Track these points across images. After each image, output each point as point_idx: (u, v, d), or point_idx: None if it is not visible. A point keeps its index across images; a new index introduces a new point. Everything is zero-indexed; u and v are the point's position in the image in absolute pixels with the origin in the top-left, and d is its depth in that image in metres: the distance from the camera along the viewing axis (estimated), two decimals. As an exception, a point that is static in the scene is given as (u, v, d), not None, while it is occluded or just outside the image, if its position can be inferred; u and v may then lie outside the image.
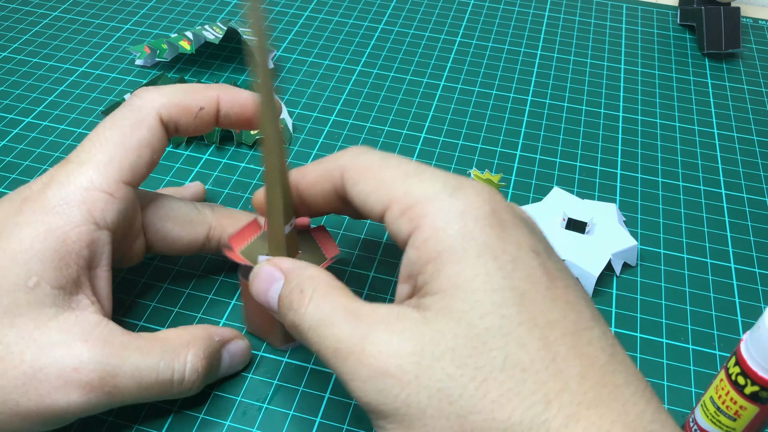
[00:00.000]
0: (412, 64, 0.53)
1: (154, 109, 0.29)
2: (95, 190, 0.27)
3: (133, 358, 0.26)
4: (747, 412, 0.25)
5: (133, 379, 0.26)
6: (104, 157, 0.28)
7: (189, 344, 0.28)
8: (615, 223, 0.39)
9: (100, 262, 0.28)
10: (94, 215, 0.27)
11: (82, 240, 0.26)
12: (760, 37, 0.59)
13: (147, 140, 0.28)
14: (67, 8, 0.57)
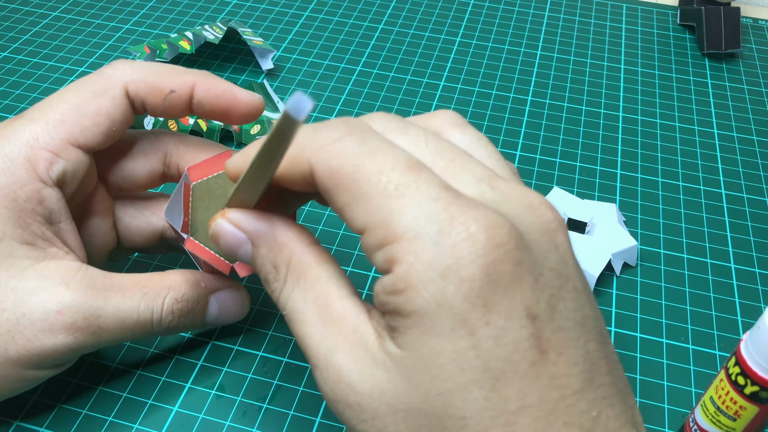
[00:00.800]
0: (412, 64, 0.53)
1: (122, 81, 0.28)
2: (40, 149, 0.26)
3: (115, 299, 0.26)
4: (747, 412, 0.25)
5: (116, 320, 0.26)
6: (56, 116, 0.27)
7: (170, 287, 0.28)
8: (615, 223, 0.39)
9: (60, 217, 0.27)
10: (39, 173, 0.26)
11: (32, 199, 0.26)
12: (760, 37, 0.59)
13: (107, 109, 0.27)
14: (67, 8, 0.57)
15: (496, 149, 0.23)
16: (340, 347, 0.20)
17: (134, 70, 0.28)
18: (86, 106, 0.27)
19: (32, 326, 0.25)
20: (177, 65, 0.29)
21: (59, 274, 0.26)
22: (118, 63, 0.29)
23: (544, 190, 0.43)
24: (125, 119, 0.28)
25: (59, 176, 0.27)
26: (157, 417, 0.30)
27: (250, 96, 0.29)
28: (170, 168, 0.31)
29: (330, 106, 0.48)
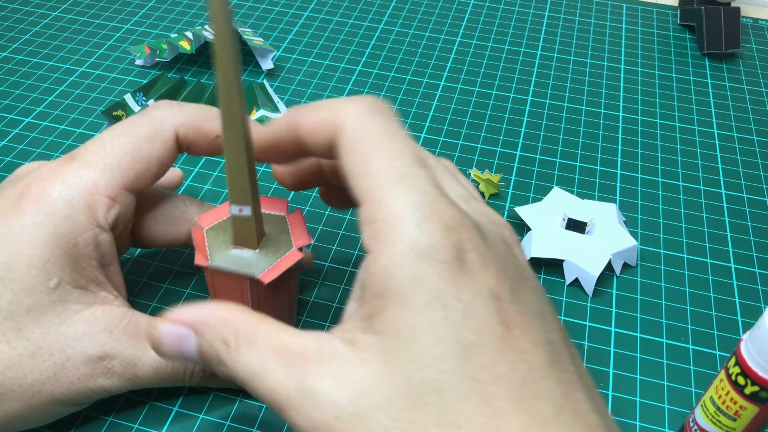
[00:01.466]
0: (412, 64, 0.53)
1: (173, 126, 0.29)
2: (99, 194, 0.27)
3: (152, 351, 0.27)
4: (747, 412, 0.25)
5: (152, 370, 0.28)
6: (112, 162, 0.28)
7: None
8: (615, 223, 0.39)
9: (112, 259, 0.29)
10: (98, 219, 0.27)
11: (90, 244, 0.27)
12: (760, 37, 0.59)
13: (159, 154, 0.29)
14: (67, 8, 0.57)
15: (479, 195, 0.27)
16: (308, 372, 0.21)
17: (183, 113, 0.29)
18: (139, 151, 0.28)
19: (76, 370, 0.26)
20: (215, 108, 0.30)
21: (105, 321, 0.27)
22: (165, 105, 0.30)
23: (544, 190, 0.43)
24: (172, 161, 0.30)
25: (114, 221, 0.28)
26: (157, 417, 0.30)
27: (257, 129, 0.29)
28: None
29: (330, 106, 0.48)
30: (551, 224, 0.38)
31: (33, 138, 0.45)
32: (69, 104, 0.47)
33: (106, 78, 0.50)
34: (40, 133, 0.45)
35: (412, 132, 0.47)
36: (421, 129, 0.47)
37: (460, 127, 0.47)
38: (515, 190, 0.43)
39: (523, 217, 0.39)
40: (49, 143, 0.44)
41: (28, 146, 0.44)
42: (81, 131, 0.45)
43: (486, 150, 0.46)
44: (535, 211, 0.39)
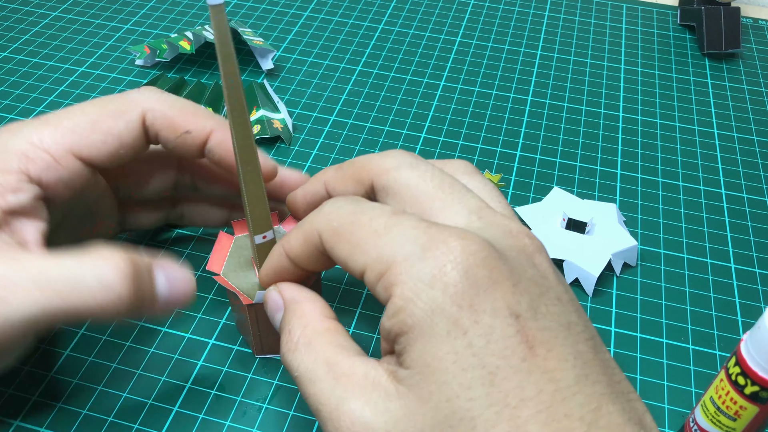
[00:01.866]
0: (412, 64, 0.53)
1: (142, 107, 0.28)
2: (40, 150, 0.27)
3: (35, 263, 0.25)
4: (747, 412, 0.25)
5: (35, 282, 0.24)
6: (69, 124, 0.27)
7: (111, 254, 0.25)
8: (615, 223, 0.39)
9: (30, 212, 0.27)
10: (29, 169, 0.26)
11: (8, 185, 0.26)
12: (760, 37, 0.59)
13: (118, 130, 0.28)
14: (67, 8, 0.57)
15: (500, 194, 0.26)
16: (351, 394, 0.21)
17: (157, 100, 0.29)
18: (100, 123, 0.28)
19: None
20: (202, 106, 0.30)
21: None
22: (144, 90, 0.29)
23: (544, 190, 0.43)
24: (136, 145, 0.29)
25: (51, 182, 0.27)
26: (157, 417, 0.30)
27: (264, 160, 0.29)
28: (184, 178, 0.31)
29: (330, 106, 0.48)
30: (551, 224, 0.38)
31: (33, 138, 0.45)
32: (69, 104, 0.47)
33: (106, 78, 0.50)
34: (40, 133, 0.45)
35: (411, 132, 0.47)
36: (421, 129, 0.47)
37: (460, 127, 0.47)
38: (515, 190, 0.43)
39: (523, 217, 0.39)
40: (49, 143, 0.44)
41: (28, 146, 0.44)
42: (81, 131, 0.45)
43: (486, 150, 0.46)
44: (535, 211, 0.39)
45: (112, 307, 0.25)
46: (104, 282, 0.24)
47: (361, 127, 0.47)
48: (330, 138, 0.46)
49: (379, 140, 0.46)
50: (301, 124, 0.47)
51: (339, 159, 0.44)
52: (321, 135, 0.46)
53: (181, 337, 0.33)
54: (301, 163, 0.44)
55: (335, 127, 0.47)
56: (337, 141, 0.46)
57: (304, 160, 0.44)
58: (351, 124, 0.47)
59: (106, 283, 0.24)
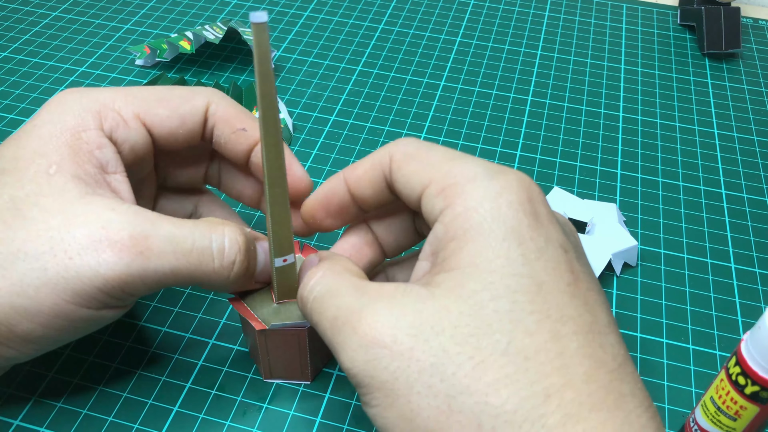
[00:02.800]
0: (412, 64, 0.53)
1: (207, 98, 0.29)
2: (111, 110, 0.28)
3: (167, 225, 0.25)
4: (747, 412, 0.25)
5: (168, 242, 0.25)
6: (138, 94, 0.28)
7: (224, 223, 0.27)
8: (615, 223, 0.39)
9: (116, 168, 0.27)
10: (104, 126, 0.27)
11: (92, 142, 0.27)
12: (760, 37, 0.59)
13: (183, 112, 0.29)
14: (67, 8, 0.57)
15: None
16: (376, 300, 0.22)
17: (222, 97, 0.30)
18: (167, 100, 0.29)
19: (76, 242, 0.24)
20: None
21: (107, 203, 0.25)
22: (211, 89, 0.30)
23: (544, 190, 0.43)
24: (194, 130, 0.29)
25: (119, 140, 0.28)
26: (157, 417, 0.30)
27: (303, 172, 0.30)
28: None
29: (330, 106, 0.48)
30: (551, 224, 0.38)
31: (33, 138, 0.45)
32: (69, 104, 0.47)
33: (106, 78, 0.50)
34: (40, 133, 0.45)
35: (412, 132, 0.47)
36: (421, 129, 0.47)
37: (460, 127, 0.47)
38: (515, 190, 0.43)
39: (523, 217, 0.39)
40: (49, 143, 0.44)
41: (28, 146, 0.44)
42: (81, 131, 0.45)
43: (486, 150, 0.46)
44: (535, 211, 0.39)
45: (225, 276, 0.26)
46: (224, 253, 0.26)
47: (361, 127, 0.47)
48: (330, 138, 0.46)
49: (379, 140, 0.46)
50: (301, 124, 0.47)
51: (339, 159, 0.44)
52: (321, 135, 0.46)
53: (181, 337, 0.33)
54: (301, 163, 0.44)
55: (335, 127, 0.47)
56: (337, 141, 0.46)
57: (304, 160, 0.44)
58: (351, 124, 0.47)
59: (226, 254, 0.26)
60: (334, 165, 0.44)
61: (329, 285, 0.23)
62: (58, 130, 0.27)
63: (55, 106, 0.27)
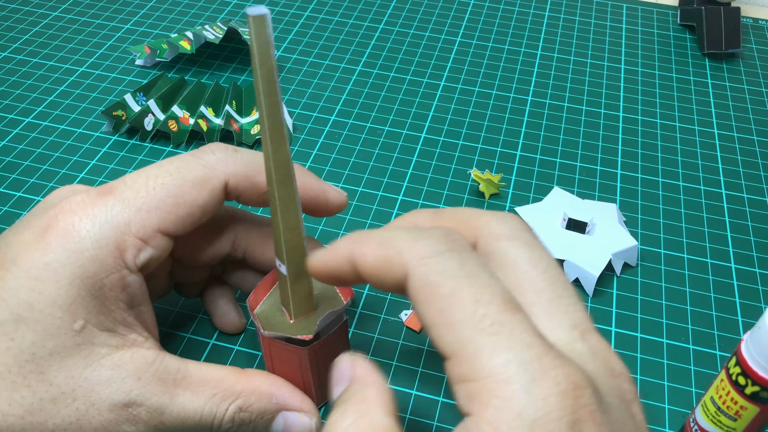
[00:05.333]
0: (412, 64, 0.53)
1: (225, 174, 0.27)
2: (130, 236, 0.26)
3: (183, 397, 0.26)
4: (747, 412, 0.25)
5: (178, 419, 0.26)
6: (151, 202, 0.26)
7: (239, 394, 0.27)
8: (615, 223, 0.39)
9: (142, 301, 0.27)
10: (126, 260, 0.26)
11: (117, 286, 0.26)
12: (760, 37, 0.59)
13: (204, 201, 0.27)
14: (67, 8, 0.57)
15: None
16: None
17: (236, 162, 0.28)
18: (183, 196, 0.27)
19: (100, 416, 0.25)
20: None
21: (134, 366, 0.26)
22: (219, 150, 0.28)
23: (544, 190, 0.43)
24: (217, 209, 0.28)
25: (144, 263, 0.26)
26: (157, 417, 0.30)
27: (338, 195, 0.29)
28: (236, 251, 0.31)
29: (330, 106, 0.48)
30: (551, 224, 0.38)
31: (33, 138, 0.45)
32: (69, 104, 0.47)
33: (106, 78, 0.50)
34: (40, 133, 0.45)
35: (411, 132, 0.47)
36: (421, 129, 0.47)
37: (460, 127, 0.47)
38: (515, 190, 0.43)
39: (523, 217, 0.39)
40: (49, 143, 0.44)
41: (28, 146, 0.44)
42: (81, 131, 0.45)
43: (486, 150, 0.46)
44: (535, 211, 0.39)
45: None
46: (218, 423, 0.27)
47: (361, 127, 0.47)
48: (330, 138, 0.46)
49: (379, 140, 0.46)
50: (301, 124, 0.47)
51: (339, 159, 0.44)
52: (321, 135, 0.46)
53: (182, 337, 0.33)
54: (301, 163, 0.44)
55: (335, 127, 0.47)
56: (337, 141, 0.46)
57: (304, 160, 0.44)
58: (351, 124, 0.47)
59: (219, 424, 0.27)
60: (334, 165, 0.44)
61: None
62: (79, 279, 0.25)
63: (67, 237, 0.25)
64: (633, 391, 0.20)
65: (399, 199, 0.42)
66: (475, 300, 0.19)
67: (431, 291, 0.20)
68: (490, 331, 0.19)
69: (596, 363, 0.20)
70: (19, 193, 0.41)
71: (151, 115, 0.44)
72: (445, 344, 0.19)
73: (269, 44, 0.21)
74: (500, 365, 0.18)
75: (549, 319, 0.21)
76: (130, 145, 0.44)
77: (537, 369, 0.18)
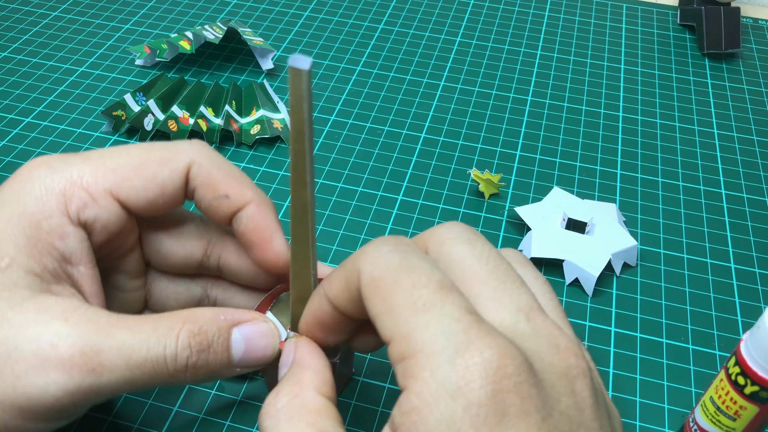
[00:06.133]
0: (412, 64, 0.53)
1: (188, 159, 0.27)
2: (79, 187, 0.25)
3: (121, 334, 0.23)
4: (747, 412, 0.25)
5: (121, 355, 0.23)
6: (111, 164, 0.26)
7: (184, 320, 0.24)
8: (615, 223, 0.39)
9: (81, 260, 0.25)
10: (69, 210, 0.25)
11: (54, 231, 0.25)
12: (760, 37, 0.59)
13: (162, 178, 0.26)
14: (67, 8, 0.57)
15: (551, 289, 0.24)
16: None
17: (206, 156, 0.27)
18: (144, 168, 0.26)
19: (24, 360, 0.22)
20: (245, 174, 0.28)
21: (59, 309, 0.24)
22: (195, 142, 0.28)
23: (544, 190, 0.43)
24: (176, 196, 0.27)
25: (88, 220, 0.25)
26: (157, 417, 0.30)
27: (282, 249, 0.28)
28: (210, 258, 0.29)
29: (330, 106, 0.48)
30: (551, 224, 0.38)
31: (33, 138, 0.45)
32: (69, 104, 0.47)
33: (106, 78, 0.50)
34: (40, 133, 0.45)
35: (411, 132, 0.47)
36: (421, 129, 0.47)
37: (460, 127, 0.47)
38: (515, 190, 0.43)
39: (523, 217, 0.39)
40: (49, 143, 0.44)
41: (28, 146, 0.44)
42: (81, 131, 0.45)
43: (486, 150, 0.46)
44: (535, 211, 0.39)
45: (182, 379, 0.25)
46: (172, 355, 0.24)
47: (361, 127, 0.47)
48: (330, 138, 0.46)
49: (379, 140, 0.46)
50: (301, 124, 0.47)
51: (339, 159, 0.44)
52: (321, 135, 0.46)
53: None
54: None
55: (335, 127, 0.47)
56: (337, 141, 0.46)
57: (304, 160, 0.44)
58: (351, 124, 0.47)
59: (178, 358, 0.24)
60: (334, 165, 0.44)
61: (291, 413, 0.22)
62: (17, 215, 0.24)
63: (18, 183, 0.25)
64: (580, 367, 0.20)
65: (399, 199, 0.42)
66: (412, 285, 0.20)
67: (376, 284, 0.21)
68: (422, 310, 0.20)
69: (538, 341, 0.20)
70: (19, 193, 0.41)
71: (150, 115, 0.44)
72: (386, 329, 0.20)
73: (302, 98, 0.21)
74: (429, 338, 0.19)
75: (495, 306, 0.21)
76: (130, 145, 0.44)
77: (462, 340, 0.19)
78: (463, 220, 0.40)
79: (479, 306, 0.21)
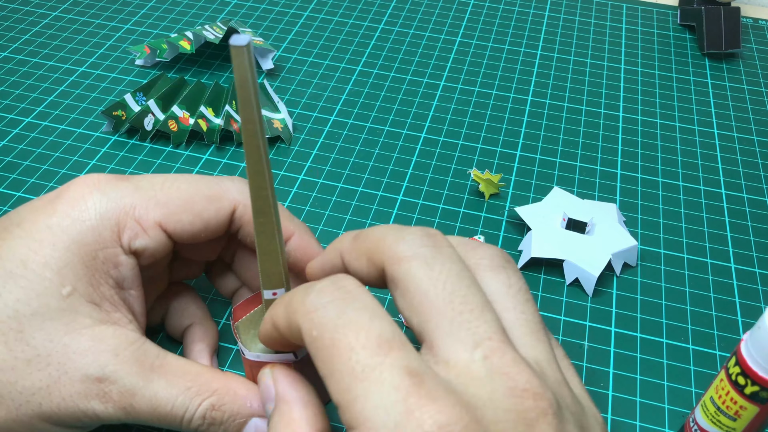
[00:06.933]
0: (412, 64, 0.53)
1: (235, 199, 0.28)
2: (132, 218, 0.27)
3: (157, 384, 0.26)
4: (747, 412, 0.25)
5: (149, 405, 0.25)
6: (161, 197, 0.27)
7: (214, 391, 0.26)
8: (615, 223, 0.39)
9: (132, 284, 0.27)
10: (122, 239, 0.26)
11: (110, 261, 0.26)
12: (760, 37, 0.59)
13: (208, 216, 0.28)
14: (67, 8, 0.57)
15: (528, 298, 0.23)
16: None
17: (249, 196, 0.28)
18: (193, 204, 0.28)
19: (71, 386, 0.25)
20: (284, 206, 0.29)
21: (114, 342, 0.25)
22: (237, 180, 0.29)
23: (544, 190, 0.43)
24: (218, 231, 0.28)
25: (138, 249, 0.27)
26: (157, 417, 0.30)
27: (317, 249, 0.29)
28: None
29: (330, 106, 0.48)
30: (551, 224, 0.38)
31: (33, 138, 0.45)
32: (69, 104, 0.47)
33: (106, 78, 0.50)
34: (40, 133, 0.45)
35: (411, 132, 0.47)
36: (421, 129, 0.47)
37: (460, 127, 0.47)
38: (515, 190, 0.43)
39: (523, 217, 0.39)
40: (49, 143, 0.44)
41: (28, 146, 0.44)
42: (81, 131, 0.45)
43: (486, 150, 0.46)
44: (535, 211, 0.39)
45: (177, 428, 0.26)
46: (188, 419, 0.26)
47: (361, 127, 0.47)
48: (330, 138, 0.46)
49: (379, 140, 0.46)
50: (301, 124, 0.47)
51: (339, 159, 0.44)
52: (321, 135, 0.46)
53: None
54: (301, 163, 0.44)
55: (335, 127, 0.47)
56: (337, 141, 0.46)
57: (304, 160, 0.44)
58: (351, 124, 0.47)
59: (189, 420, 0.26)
60: (334, 165, 0.44)
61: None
62: (76, 245, 0.25)
63: (72, 209, 0.26)
64: (538, 408, 0.19)
65: (399, 199, 0.42)
66: (349, 348, 0.19)
67: (316, 345, 0.20)
68: (361, 377, 0.19)
69: (492, 385, 0.19)
70: (19, 193, 0.41)
71: (151, 115, 0.44)
72: (333, 393, 0.20)
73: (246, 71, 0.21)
74: (369, 411, 0.18)
75: (450, 342, 0.20)
76: (129, 145, 0.44)
77: (401, 412, 0.18)
78: (463, 220, 0.40)
79: (435, 341, 0.20)
